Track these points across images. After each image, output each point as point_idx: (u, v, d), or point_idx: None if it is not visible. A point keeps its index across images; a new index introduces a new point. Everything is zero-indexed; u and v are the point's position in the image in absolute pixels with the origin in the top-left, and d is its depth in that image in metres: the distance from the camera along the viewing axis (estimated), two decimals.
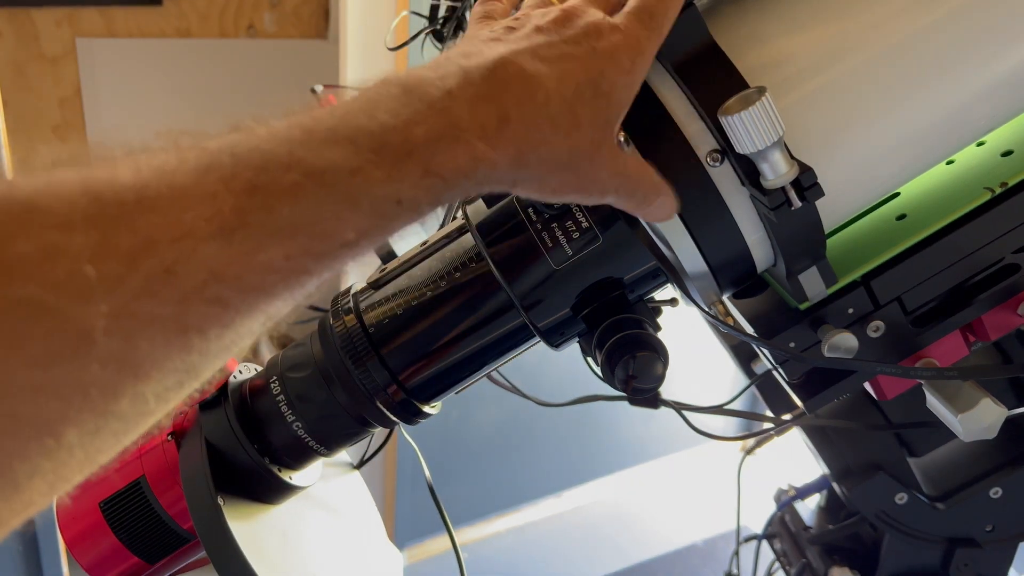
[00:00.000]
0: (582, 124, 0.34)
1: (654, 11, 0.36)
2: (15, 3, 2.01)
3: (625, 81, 0.35)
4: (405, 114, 0.30)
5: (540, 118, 0.32)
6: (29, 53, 2.08)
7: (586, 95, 0.34)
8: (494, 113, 0.31)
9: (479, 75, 0.32)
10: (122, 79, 2.15)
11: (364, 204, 0.29)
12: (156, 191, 0.25)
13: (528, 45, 0.34)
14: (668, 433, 2.27)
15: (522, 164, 0.33)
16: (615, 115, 0.35)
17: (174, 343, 0.25)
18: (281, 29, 2.27)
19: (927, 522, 0.57)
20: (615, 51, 0.35)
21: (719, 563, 2.05)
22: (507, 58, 0.33)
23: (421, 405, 0.48)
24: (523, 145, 0.32)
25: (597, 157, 0.35)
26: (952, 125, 0.40)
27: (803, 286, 0.40)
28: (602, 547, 2.10)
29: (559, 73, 0.33)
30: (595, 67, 0.34)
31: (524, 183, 0.34)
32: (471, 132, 0.31)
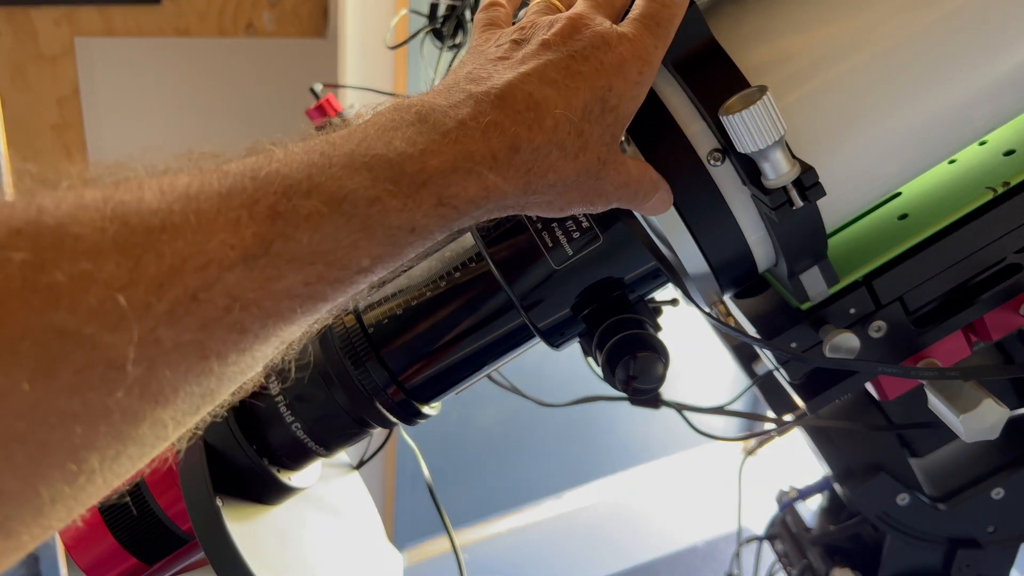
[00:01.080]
0: (590, 144, 0.34)
1: (661, 18, 0.36)
2: (13, 2, 2.01)
3: (633, 92, 0.35)
4: (421, 143, 0.30)
5: (549, 145, 0.33)
6: (27, 52, 2.08)
7: (594, 113, 0.34)
8: (505, 143, 0.32)
9: (489, 103, 0.32)
10: (121, 78, 2.15)
11: (379, 232, 0.29)
12: (182, 217, 0.25)
13: (536, 66, 0.34)
14: (669, 433, 2.27)
15: (531, 191, 0.33)
16: (621, 128, 0.35)
17: (194, 369, 0.25)
18: (280, 28, 2.27)
19: (929, 523, 0.56)
20: (623, 63, 0.34)
21: (720, 564, 2.04)
22: (515, 84, 0.33)
23: (421, 406, 0.47)
24: (532, 174, 0.32)
25: (603, 173, 0.35)
26: (953, 124, 0.40)
27: (804, 286, 0.40)
28: (603, 548, 2.09)
29: (568, 95, 0.33)
30: (603, 82, 0.34)
31: (533, 207, 0.34)
32: (483, 163, 0.31)
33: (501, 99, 0.32)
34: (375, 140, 0.30)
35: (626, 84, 0.34)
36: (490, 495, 2.08)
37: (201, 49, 2.19)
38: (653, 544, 2.10)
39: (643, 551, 2.08)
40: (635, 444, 2.25)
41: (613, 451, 2.23)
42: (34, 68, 2.08)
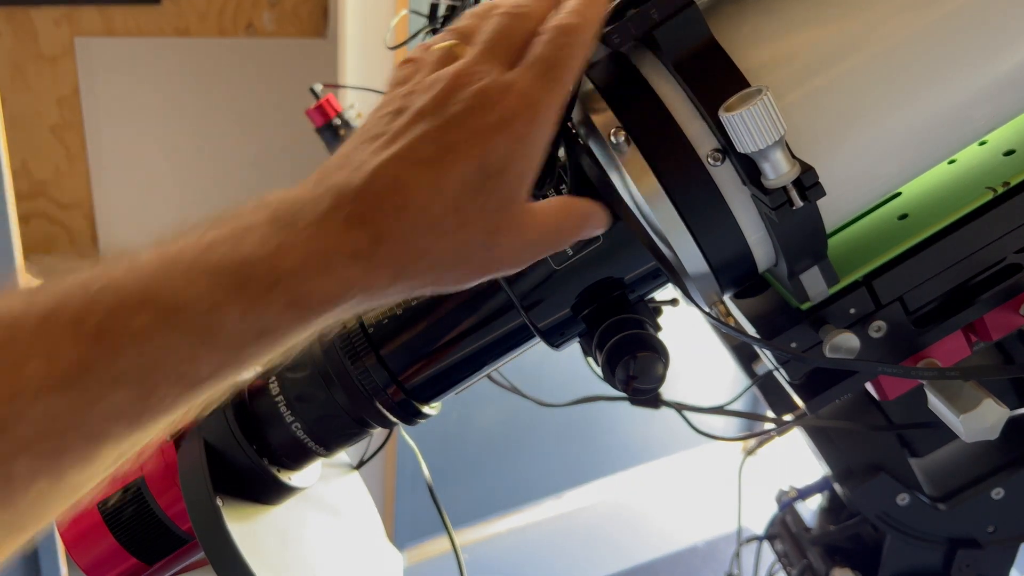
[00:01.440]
0: (471, 219, 0.32)
1: (555, 61, 0.34)
2: (14, 2, 2.01)
3: (521, 150, 0.33)
4: (273, 243, 0.29)
5: (419, 228, 0.31)
6: (27, 52, 2.08)
7: (473, 184, 0.32)
8: (367, 234, 0.30)
9: (351, 194, 0.31)
10: (121, 78, 2.15)
11: (221, 340, 0.28)
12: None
13: (405, 144, 0.32)
14: (669, 433, 2.27)
15: (405, 277, 0.32)
16: (516, 189, 0.33)
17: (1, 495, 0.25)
18: (280, 28, 2.27)
19: (929, 523, 0.56)
20: (506, 120, 0.32)
21: (720, 564, 2.04)
22: (379, 170, 0.31)
23: (421, 405, 0.47)
24: (402, 260, 0.31)
25: (496, 241, 0.33)
26: (953, 124, 0.40)
27: (804, 286, 0.40)
28: (603, 548, 2.09)
29: (439, 172, 0.31)
30: (481, 148, 0.32)
31: (419, 289, 0.33)
32: (341, 258, 0.30)
33: (364, 188, 0.31)
34: (224, 243, 0.29)
35: (511, 141, 0.32)
36: (490, 495, 2.08)
37: (201, 49, 2.19)
38: (653, 544, 2.10)
39: (643, 551, 2.08)
40: (635, 444, 2.25)
41: (613, 451, 2.23)
42: (34, 68, 2.08)
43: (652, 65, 0.39)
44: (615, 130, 0.38)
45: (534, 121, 0.33)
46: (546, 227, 0.35)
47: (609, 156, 0.39)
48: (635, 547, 2.09)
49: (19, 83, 2.08)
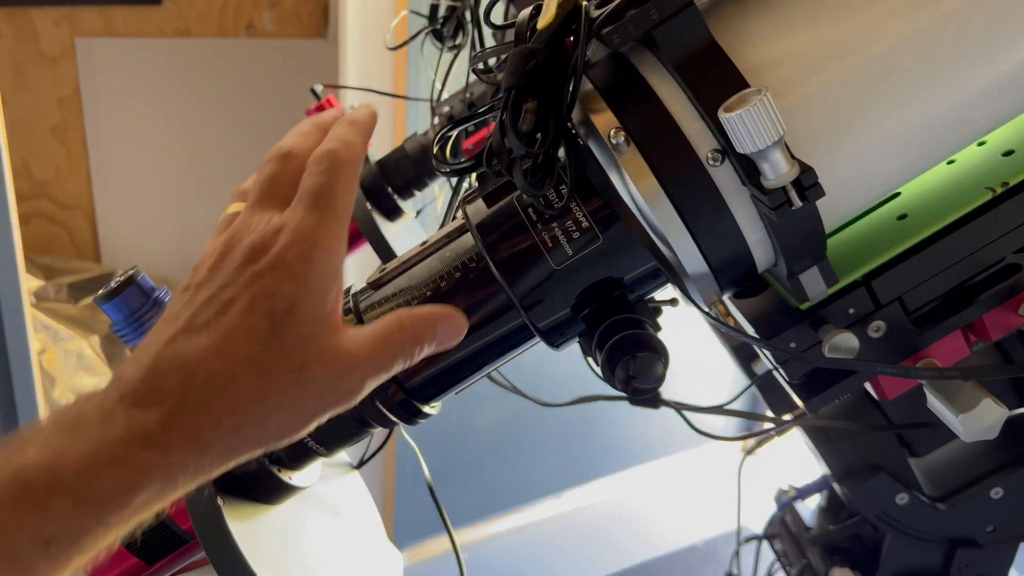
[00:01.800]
0: (269, 366, 0.32)
1: (320, 189, 0.35)
2: (14, 2, 2.01)
3: (306, 285, 0.33)
4: (54, 445, 0.29)
5: (210, 397, 0.31)
6: (28, 52, 2.08)
7: (262, 332, 0.32)
8: (155, 415, 0.30)
9: (136, 382, 0.31)
10: (121, 78, 2.15)
11: (6, 553, 0.27)
12: None
13: (188, 315, 0.33)
14: (668, 433, 2.27)
15: (210, 446, 0.31)
16: (311, 323, 0.33)
17: None
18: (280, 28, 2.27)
19: (928, 523, 0.56)
20: (281, 261, 0.33)
21: (719, 563, 2.05)
22: (161, 352, 0.32)
23: (421, 405, 0.47)
24: (200, 434, 0.31)
25: (309, 377, 0.33)
26: (953, 124, 0.40)
27: (804, 286, 0.40)
28: (602, 547, 2.10)
29: (221, 334, 0.32)
30: (261, 296, 0.32)
31: (235, 454, 0.33)
32: (131, 446, 0.30)
33: (148, 373, 0.31)
34: (10, 455, 0.29)
35: (291, 281, 0.33)
36: (490, 495, 2.08)
37: (201, 49, 2.20)
38: (653, 543, 2.10)
39: (643, 550, 2.08)
40: (635, 444, 2.25)
41: (613, 451, 2.23)
42: (35, 68, 2.09)
43: (652, 65, 0.39)
44: (615, 130, 0.38)
45: (310, 255, 0.34)
46: (373, 349, 0.34)
47: (609, 156, 0.39)
48: (635, 547, 2.09)
49: (20, 83, 2.08)
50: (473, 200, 0.45)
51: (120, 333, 0.49)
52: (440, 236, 0.47)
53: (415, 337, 0.36)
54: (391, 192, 0.85)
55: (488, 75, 0.46)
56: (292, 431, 0.34)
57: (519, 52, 0.39)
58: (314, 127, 0.39)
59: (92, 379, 1.82)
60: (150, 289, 0.48)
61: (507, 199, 0.44)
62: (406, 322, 0.36)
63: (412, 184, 0.86)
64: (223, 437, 0.32)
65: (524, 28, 0.40)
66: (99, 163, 2.20)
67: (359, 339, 0.35)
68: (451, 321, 0.37)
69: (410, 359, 0.36)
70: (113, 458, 0.29)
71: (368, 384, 0.35)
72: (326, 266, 0.34)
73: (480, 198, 0.45)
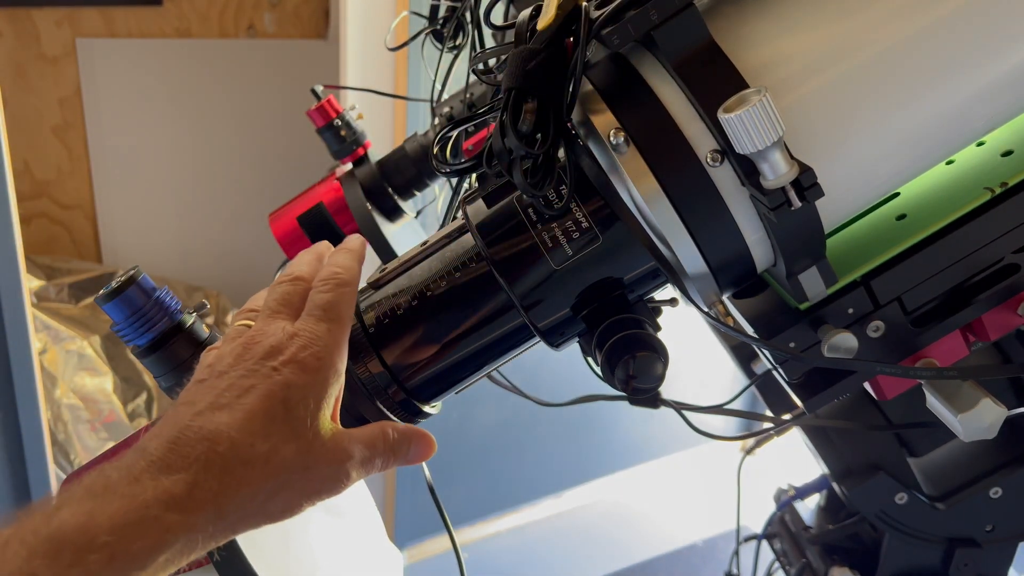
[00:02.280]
0: (279, 447, 0.36)
1: (328, 304, 0.41)
2: (15, 3, 2.01)
3: (315, 380, 0.38)
4: (87, 508, 0.32)
5: (231, 466, 0.35)
6: (29, 53, 2.08)
7: (278, 415, 0.37)
8: (181, 481, 0.34)
9: (162, 450, 0.35)
10: (122, 79, 2.15)
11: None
12: None
13: (211, 397, 0.37)
14: (668, 433, 2.27)
15: (228, 512, 0.35)
16: (317, 416, 0.38)
17: None
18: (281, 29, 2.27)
19: (927, 522, 0.57)
20: (296, 359, 0.38)
21: (719, 563, 2.04)
22: (186, 424, 0.36)
23: (421, 405, 0.48)
24: (220, 499, 0.35)
25: (313, 461, 0.37)
26: (952, 125, 0.40)
27: (803, 286, 0.40)
28: (602, 547, 2.10)
29: (243, 412, 0.36)
30: (279, 385, 0.37)
31: (246, 523, 0.36)
32: (157, 507, 0.33)
33: (175, 443, 0.35)
34: (38, 517, 0.32)
35: (304, 375, 0.38)
36: (490, 494, 2.08)
37: (202, 50, 2.20)
38: (652, 543, 2.10)
39: (642, 550, 2.08)
40: (634, 443, 2.25)
41: (613, 450, 2.23)
42: (36, 69, 2.09)
43: (651, 66, 0.39)
44: (614, 131, 0.38)
45: (321, 356, 0.39)
46: (363, 451, 0.39)
47: (609, 157, 0.39)
48: (634, 546, 2.09)
49: (21, 84, 2.08)
50: (473, 200, 0.45)
51: (121, 333, 0.49)
52: (440, 236, 0.48)
53: (395, 449, 0.41)
54: (391, 192, 0.85)
55: (488, 76, 0.46)
56: (292, 510, 0.38)
57: (519, 53, 0.39)
58: (315, 256, 0.47)
59: (93, 379, 1.82)
60: (151, 289, 0.49)
61: (507, 199, 0.44)
62: (389, 435, 0.41)
63: (412, 184, 0.86)
64: (240, 505, 0.35)
65: (524, 29, 0.40)
66: (100, 163, 2.20)
67: (352, 438, 0.39)
68: (424, 442, 0.42)
69: (385, 467, 0.41)
70: (143, 518, 0.33)
71: (354, 478, 0.39)
72: (333, 366, 0.39)
73: (480, 198, 0.45)
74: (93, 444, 1.77)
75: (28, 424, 1.29)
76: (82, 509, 0.32)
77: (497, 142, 0.39)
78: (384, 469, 0.40)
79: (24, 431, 1.30)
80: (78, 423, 1.77)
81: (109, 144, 2.20)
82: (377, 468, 0.40)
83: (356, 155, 0.86)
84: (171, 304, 0.49)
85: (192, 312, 0.51)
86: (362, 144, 0.86)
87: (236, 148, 2.29)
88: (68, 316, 1.90)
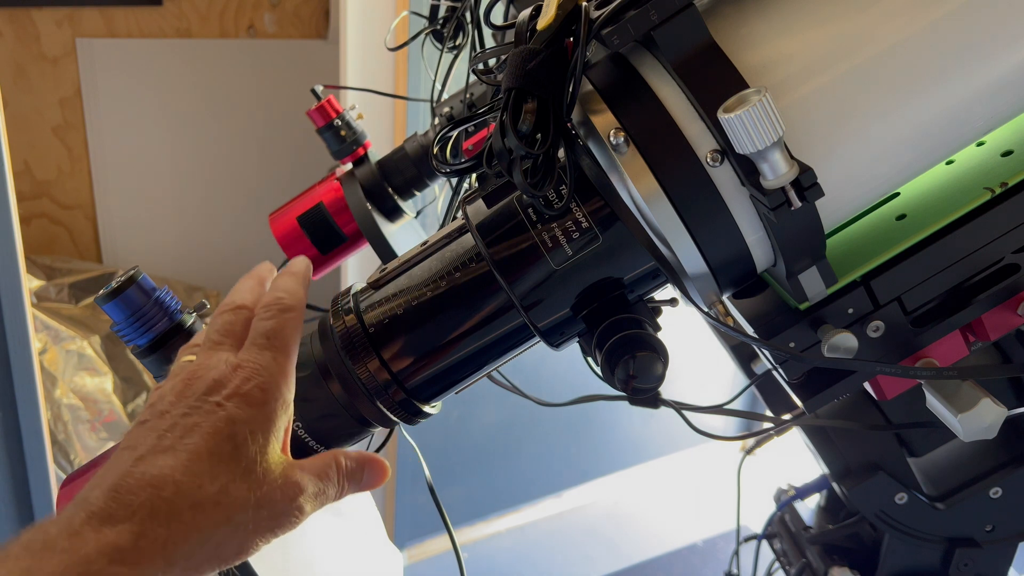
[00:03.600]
0: (228, 487, 0.35)
1: (271, 331, 0.39)
2: (15, 3, 2.01)
3: (261, 413, 0.37)
4: (23, 566, 0.31)
5: (178, 511, 0.33)
6: (29, 53, 2.08)
7: (225, 452, 0.35)
8: (126, 532, 0.32)
9: (102, 500, 0.33)
10: (122, 79, 2.15)
11: None
12: None
13: (153, 439, 0.35)
14: (668, 433, 2.27)
15: (180, 558, 0.33)
16: (266, 450, 0.36)
17: None
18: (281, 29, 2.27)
19: (927, 522, 0.57)
20: (241, 393, 0.36)
21: (719, 563, 2.05)
22: (127, 472, 0.34)
23: (421, 405, 0.48)
24: (169, 547, 0.33)
25: (265, 499, 0.36)
26: (952, 125, 0.40)
27: (803, 286, 0.40)
28: (602, 547, 2.10)
29: (187, 454, 0.34)
30: (223, 421, 0.35)
31: (198, 571, 0.34)
32: (100, 560, 0.31)
33: (116, 490, 0.33)
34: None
35: (251, 406, 0.36)
36: (490, 494, 2.08)
37: (202, 50, 2.20)
38: (652, 543, 2.10)
39: (642, 550, 2.08)
40: (634, 443, 2.25)
41: (612, 450, 2.23)
42: (36, 69, 2.09)
43: (651, 66, 0.39)
44: (614, 131, 0.38)
45: (266, 387, 0.37)
46: (315, 483, 0.38)
47: (608, 157, 0.39)
48: (634, 546, 2.09)
49: (21, 84, 2.08)
50: (473, 200, 0.45)
51: (121, 333, 0.49)
52: (440, 236, 0.48)
53: (349, 476, 0.39)
54: (391, 192, 0.85)
55: (488, 76, 0.46)
56: (246, 551, 0.36)
57: (519, 53, 0.39)
58: (256, 281, 0.45)
59: (93, 379, 1.82)
60: (151, 289, 0.49)
61: (507, 199, 0.44)
62: (342, 463, 0.39)
63: (412, 184, 0.86)
64: (191, 551, 0.34)
65: (524, 29, 0.40)
66: (100, 163, 2.20)
67: (304, 470, 0.38)
68: (376, 467, 0.41)
69: (339, 496, 0.39)
70: (86, 573, 0.31)
71: (307, 512, 0.38)
72: (280, 396, 0.38)
73: (480, 198, 0.45)
74: (93, 444, 1.77)
75: (28, 424, 1.29)
76: (19, 567, 0.31)
77: (497, 142, 0.39)
78: (338, 499, 0.39)
79: (24, 431, 1.30)
80: (78, 423, 1.77)
81: (109, 144, 2.20)
82: (331, 498, 0.39)
83: (356, 155, 0.86)
84: (171, 304, 0.49)
85: (192, 312, 0.51)
86: (362, 144, 0.86)
87: (236, 148, 2.29)
88: (68, 316, 1.91)
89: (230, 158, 2.29)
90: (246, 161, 2.30)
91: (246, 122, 2.27)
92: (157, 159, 2.25)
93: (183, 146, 2.26)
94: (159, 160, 2.25)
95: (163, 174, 2.27)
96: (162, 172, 2.27)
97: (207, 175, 2.30)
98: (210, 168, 2.29)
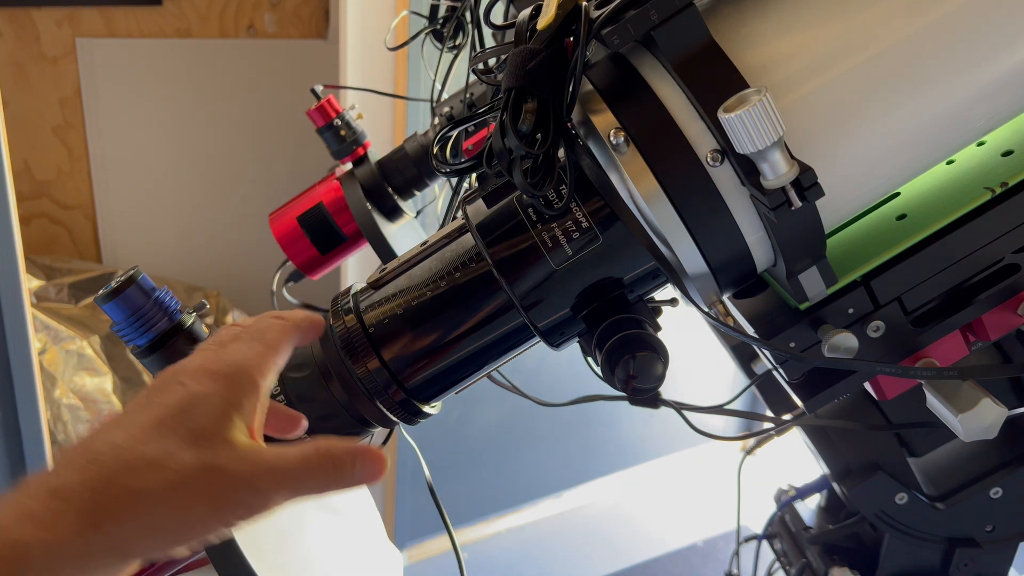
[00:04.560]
0: (174, 451, 0.33)
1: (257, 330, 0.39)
2: (15, 3, 2.01)
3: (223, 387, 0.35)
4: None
5: (112, 474, 0.32)
6: (29, 53, 2.08)
7: (175, 420, 0.34)
8: (42, 495, 0.31)
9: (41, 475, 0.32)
10: (122, 79, 2.15)
11: None
12: None
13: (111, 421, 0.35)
14: (668, 433, 2.27)
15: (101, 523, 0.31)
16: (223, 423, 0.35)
17: None
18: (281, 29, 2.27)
19: (927, 522, 0.57)
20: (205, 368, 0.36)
21: (719, 563, 2.05)
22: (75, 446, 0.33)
23: (421, 405, 0.48)
24: (96, 510, 0.31)
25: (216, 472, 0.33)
26: (952, 125, 0.40)
27: (803, 286, 0.40)
28: (602, 547, 2.10)
29: (136, 427, 0.33)
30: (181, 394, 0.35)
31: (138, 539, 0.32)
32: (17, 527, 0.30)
33: (57, 465, 0.33)
34: None
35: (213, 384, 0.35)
36: (490, 494, 2.08)
37: (202, 50, 2.20)
38: (653, 543, 2.10)
39: (643, 550, 2.08)
40: (634, 443, 2.25)
41: (612, 450, 2.23)
42: (36, 69, 2.09)
43: (651, 66, 0.39)
44: (614, 131, 0.38)
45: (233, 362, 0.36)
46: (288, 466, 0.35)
47: (608, 156, 0.39)
48: (634, 546, 2.09)
49: (21, 84, 2.08)
50: (473, 200, 0.45)
51: (121, 333, 0.49)
52: (440, 236, 0.48)
53: (335, 466, 0.36)
54: (391, 192, 0.85)
55: (488, 75, 0.46)
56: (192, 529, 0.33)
57: (519, 53, 0.39)
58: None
59: (92, 379, 1.82)
60: (151, 289, 0.49)
61: (507, 199, 0.44)
62: (322, 449, 0.36)
63: (412, 184, 0.86)
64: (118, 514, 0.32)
65: (524, 28, 0.40)
66: (100, 163, 2.20)
67: (274, 454, 0.35)
68: (371, 460, 0.37)
69: (323, 488, 0.36)
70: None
71: (277, 500, 0.35)
72: (249, 376, 0.36)
73: (480, 198, 0.45)
74: None
75: (28, 424, 1.29)
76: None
77: (497, 142, 0.39)
78: (323, 491, 0.36)
79: (24, 431, 1.30)
80: (78, 423, 1.77)
81: (109, 144, 2.20)
82: (312, 489, 0.35)
83: (356, 155, 0.86)
84: (171, 304, 0.49)
85: (192, 312, 0.51)
86: (362, 144, 0.86)
87: (236, 148, 2.29)
88: (68, 316, 1.90)
89: (230, 158, 2.29)
90: (246, 161, 2.30)
91: (246, 122, 2.27)
92: (157, 159, 2.25)
93: (183, 146, 2.26)
94: (159, 160, 2.25)
95: (163, 174, 2.27)
96: (162, 172, 2.27)
97: (207, 175, 2.30)
98: (210, 168, 2.29)
